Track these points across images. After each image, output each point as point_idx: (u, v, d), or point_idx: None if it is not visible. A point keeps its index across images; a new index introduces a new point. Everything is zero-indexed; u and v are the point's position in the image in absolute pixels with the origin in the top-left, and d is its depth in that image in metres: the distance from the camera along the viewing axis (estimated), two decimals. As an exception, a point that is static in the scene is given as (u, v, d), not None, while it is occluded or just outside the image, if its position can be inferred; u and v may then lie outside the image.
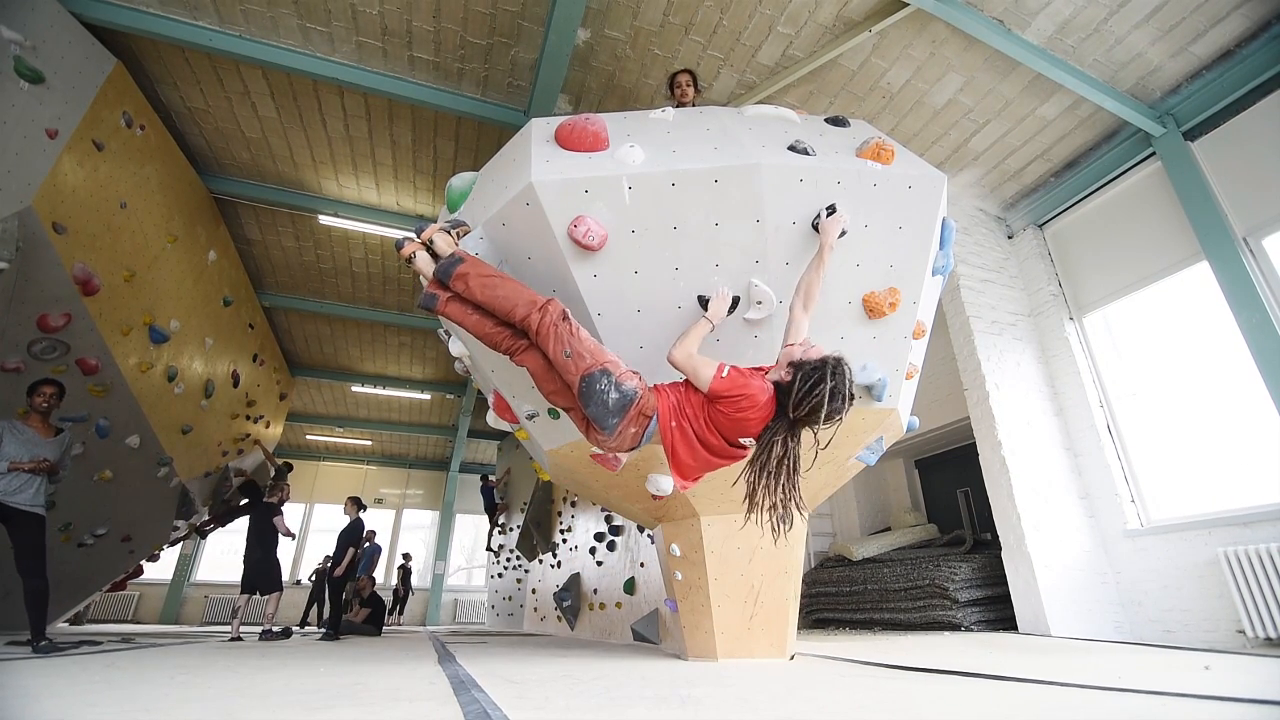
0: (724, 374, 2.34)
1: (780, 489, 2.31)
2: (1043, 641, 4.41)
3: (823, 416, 2.25)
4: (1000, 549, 5.29)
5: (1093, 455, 5.47)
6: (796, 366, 2.31)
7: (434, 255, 2.72)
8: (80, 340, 5.20)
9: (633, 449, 2.49)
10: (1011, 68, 4.84)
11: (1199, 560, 4.55)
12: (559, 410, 3.33)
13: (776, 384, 2.35)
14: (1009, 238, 6.48)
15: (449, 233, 2.74)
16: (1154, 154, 5.20)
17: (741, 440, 2.43)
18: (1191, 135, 4.98)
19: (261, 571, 6.73)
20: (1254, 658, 3.44)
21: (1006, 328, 5.95)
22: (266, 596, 6.76)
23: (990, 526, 5.72)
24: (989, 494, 5.43)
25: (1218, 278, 4.66)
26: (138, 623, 12.99)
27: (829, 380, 2.22)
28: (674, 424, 2.41)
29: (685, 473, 2.49)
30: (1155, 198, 5.30)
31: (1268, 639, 4.03)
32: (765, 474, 2.31)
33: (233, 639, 6.17)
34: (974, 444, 5.69)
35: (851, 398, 2.31)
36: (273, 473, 8.12)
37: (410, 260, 2.73)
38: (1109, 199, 5.72)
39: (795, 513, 2.35)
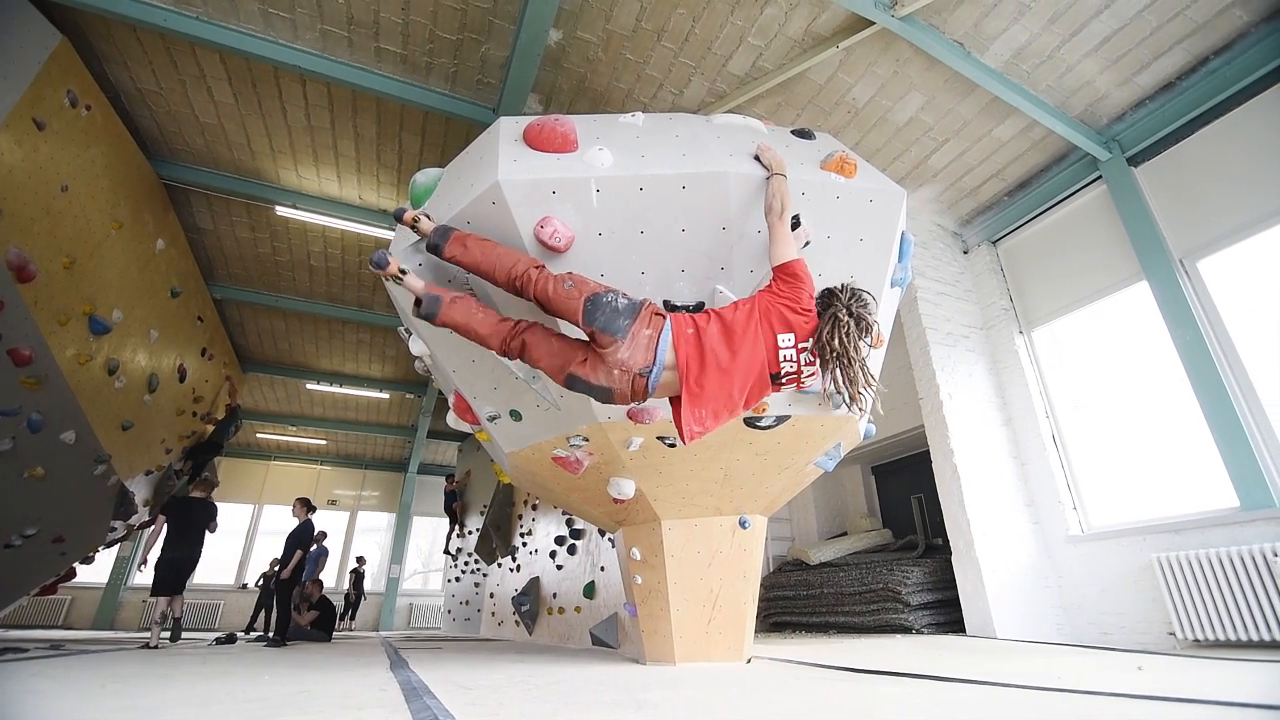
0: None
1: (844, 366, 2.35)
2: (988, 644, 4.56)
3: (871, 317, 2.41)
4: (951, 554, 5.45)
5: (1038, 464, 5.69)
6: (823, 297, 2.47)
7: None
8: (13, 329, 4.91)
9: (647, 378, 2.28)
10: (970, 89, 5.01)
11: (1134, 565, 4.78)
12: (520, 412, 3.30)
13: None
14: (964, 253, 6.70)
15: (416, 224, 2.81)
16: (1100, 177, 5.46)
17: (781, 372, 2.40)
18: (1135, 161, 5.24)
19: (185, 571, 6.43)
20: (1183, 659, 3.63)
21: (960, 340, 6.15)
22: (172, 597, 6.43)
23: (942, 532, 5.90)
24: (941, 500, 5.59)
25: (1156, 297, 4.91)
26: (69, 628, 12.31)
27: (844, 318, 2.37)
28: (690, 331, 2.34)
29: (698, 399, 2.30)
30: (1100, 219, 5.56)
31: (1196, 640, 4.25)
32: (830, 355, 2.36)
33: (151, 646, 5.84)
34: (928, 452, 5.85)
35: (869, 328, 2.42)
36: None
37: (401, 277, 2.70)
38: (1058, 218, 5.97)
39: (865, 389, 2.40)
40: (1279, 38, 4.33)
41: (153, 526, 6.23)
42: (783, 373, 2.40)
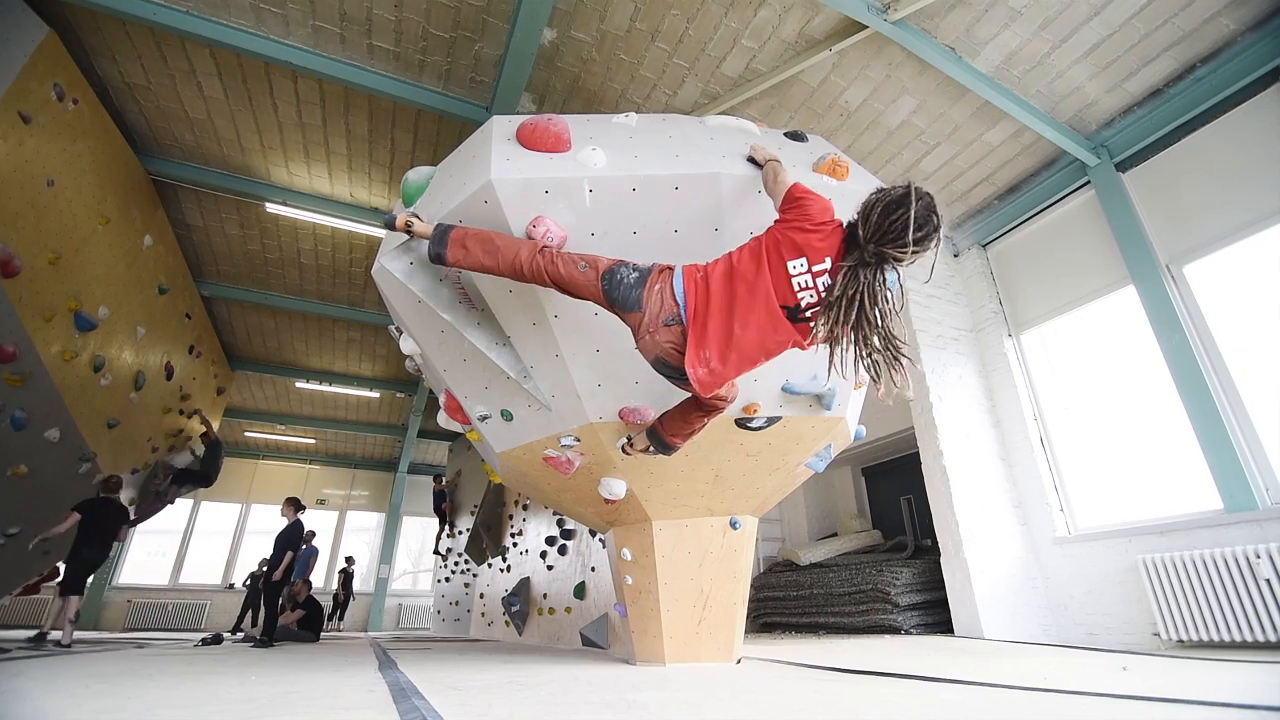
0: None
1: (862, 330, 2.08)
2: (976, 644, 4.59)
3: (909, 242, 2.00)
4: (940, 555, 5.49)
5: (1026, 466, 5.74)
6: (871, 195, 2.14)
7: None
8: (-4, 325, 4.86)
9: (681, 325, 2.21)
10: (961, 94, 5.05)
11: (1120, 567, 4.83)
12: (511, 412, 3.29)
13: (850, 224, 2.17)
14: (955, 256, 6.75)
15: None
16: (1089, 183, 5.52)
17: (800, 304, 2.16)
18: (1123, 167, 5.30)
19: (91, 572, 6.34)
20: (1167, 659, 3.67)
21: (950, 342, 6.20)
22: (75, 598, 6.29)
23: (931, 533, 5.93)
24: (930, 502, 5.63)
25: (1143, 301, 4.97)
26: (53, 629, 12.14)
27: (914, 202, 2.02)
28: (700, 275, 2.26)
29: (700, 341, 2.18)
30: (1089, 224, 5.61)
31: (1180, 641, 4.30)
32: (838, 314, 2.07)
33: (67, 646, 5.73)
34: (918, 453, 5.89)
35: (938, 227, 2.08)
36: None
37: (409, 228, 2.71)
38: (1047, 223, 6.02)
39: (901, 357, 2.12)
40: (1265, 46, 4.38)
41: (66, 524, 6.08)
42: (802, 305, 2.17)
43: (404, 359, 3.75)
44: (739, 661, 3.63)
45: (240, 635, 9.44)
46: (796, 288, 2.17)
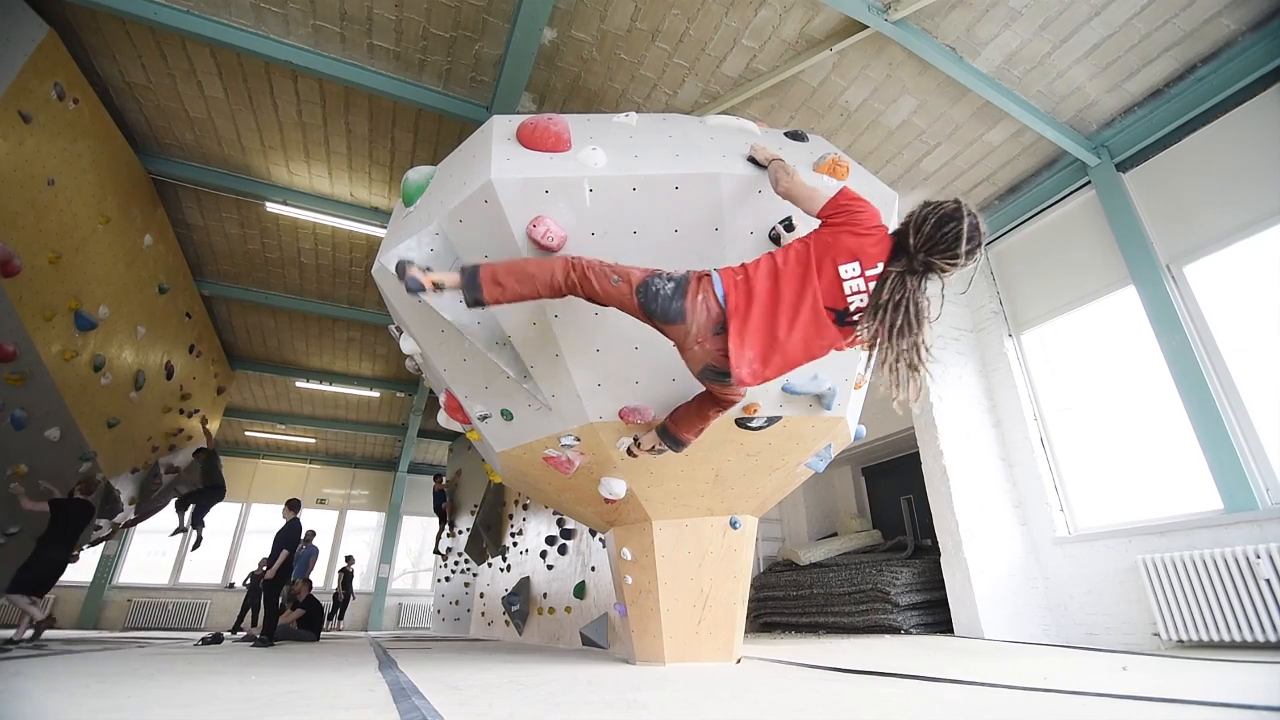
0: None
1: (902, 336, 2.12)
2: (976, 644, 4.59)
3: (961, 254, 2.08)
4: (939, 555, 5.48)
5: (1026, 466, 5.74)
6: (922, 207, 2.18)
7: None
8: (-4, 324, 4.86)
9: (720, 331, 2.21)
10: (962, 94, 5.05)
11: (1120, 567, 4.83)
12: (511, 412, 3.29)
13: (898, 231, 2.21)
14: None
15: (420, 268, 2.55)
16: (1089, 183, 5.51)
17: (850, 308, 2.20)
18: (1123, 167, 5.29)
19: (59, 572, 6.29)
20: (1167, 659, 3.67)
21: (950, 342, 6.19)
22: (44, 598, 6.25)
23: (931, 533, 5.93)
24: (930, 502, 5.63)
25: (1143, 301, 4.96)
26: (53, 627, 12.15)
27: (966, 217, 2.08)
28: (739, 277, 2.23)
29: (740, 340, 2.17)
30: (1089, 224, 5.61)
31: (1180, 641, 4.30)
32: (884, 317, 2.12)
33: (32, 642, 5.70)
34: (918, 453, 5.89)
35: (983, 243, 2.16)
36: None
37: (438, 287, 2.49)
38: (1048, 223, 6.02)
39: (921, 367, 2.17)
40: (1266, 46, 4.38)
41: (38, 510, 5.96)
42: (851, 308, 2.20)
43: (404, 358, 3.75)
44: (739, 661, 3.63)
45: (241, 635, 9.44)
46: (848, 291, 2.19)
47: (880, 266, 2.19)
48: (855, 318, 2.23)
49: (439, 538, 12.34)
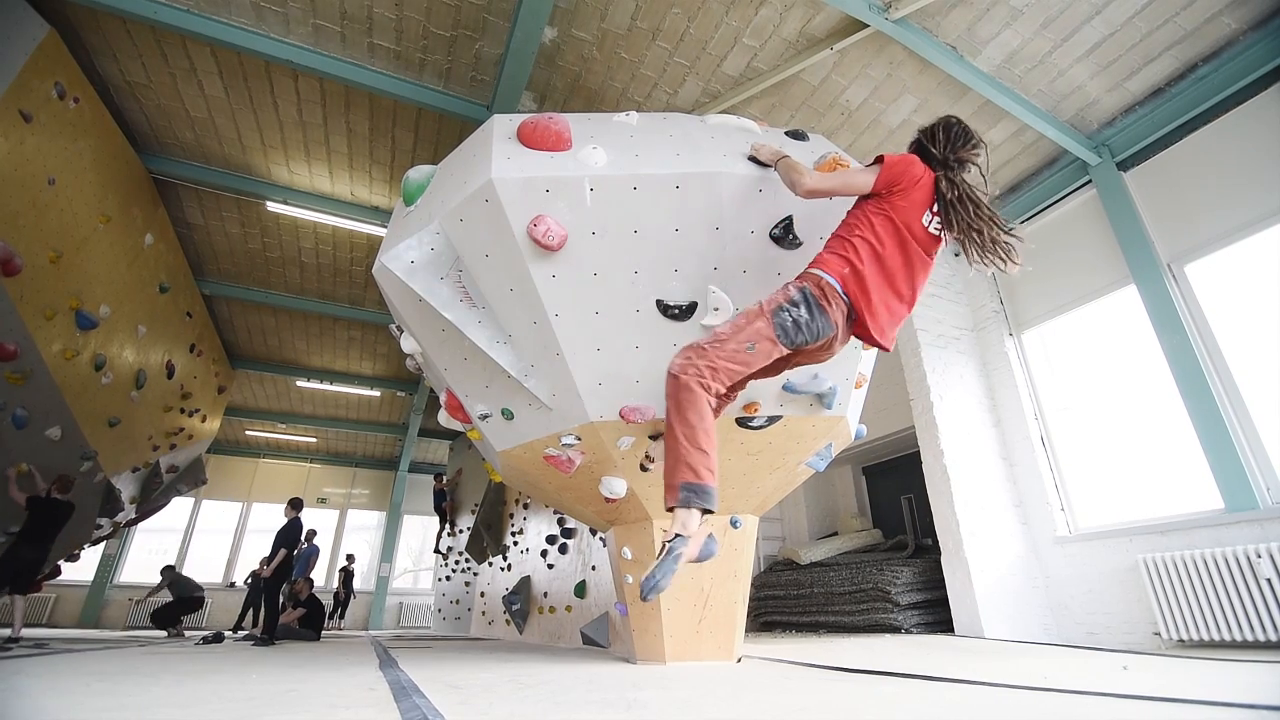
0: (877, 162, 2.45)
1: (979, 218, 2.38)
2: (977, 643, 4.59)
3: (976, 140, 2.47)
4: (940, 554, 5.48)
5: (1027, 465, 5.74)
6: (922, 131, 2.55)
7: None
8: (-3, 323, 4.87)
9: (858, 318, 2.38)
10: (963, 92, 5.04)
11: (1120, 566, 4.83)
12: (512, 411, 3.30)
13: (917, 151, 2.53)
14: (955, 255, 6.74)
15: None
16: (1090, 182, 5.51)
17: (930, 227, 2.44)
18: (1124, 166, 5.29)
19: (35, 570, 6.22)
20: (1168, 658, 3.66)
21: (951, 341, 6.19)
22: (25, 596, 6.19)
23: (931, 532, 5.93)
24: (931, 501, 5.62)
25: (1144, 301, 4.96)
26: (54, 626, 12.18)
27: (957, 120, 2.50)
28: (846, 270, 2.35)
29: (874, 317, 2.37)
30: (1090, 223, 5.61)
31: (1180, 640, 4.30)
32: (956, 214, 2.39)
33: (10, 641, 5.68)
34: (918, 452, 5.88)
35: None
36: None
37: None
38: (1048, 222, 6.02)
39: (1007, 235, 2.42)
40: (1267, 45, 4.38)
41: (15, 498, 5.88)
42: (935, 235, 2.49)
43: (405, 358, 3.75)
44: (739, 660, 3.63)
45: (242, 634, 9.45)
46: (933, 230, 2.46)
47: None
48: (937, 234, 2.49)
49: (439, 537, 12.36)
